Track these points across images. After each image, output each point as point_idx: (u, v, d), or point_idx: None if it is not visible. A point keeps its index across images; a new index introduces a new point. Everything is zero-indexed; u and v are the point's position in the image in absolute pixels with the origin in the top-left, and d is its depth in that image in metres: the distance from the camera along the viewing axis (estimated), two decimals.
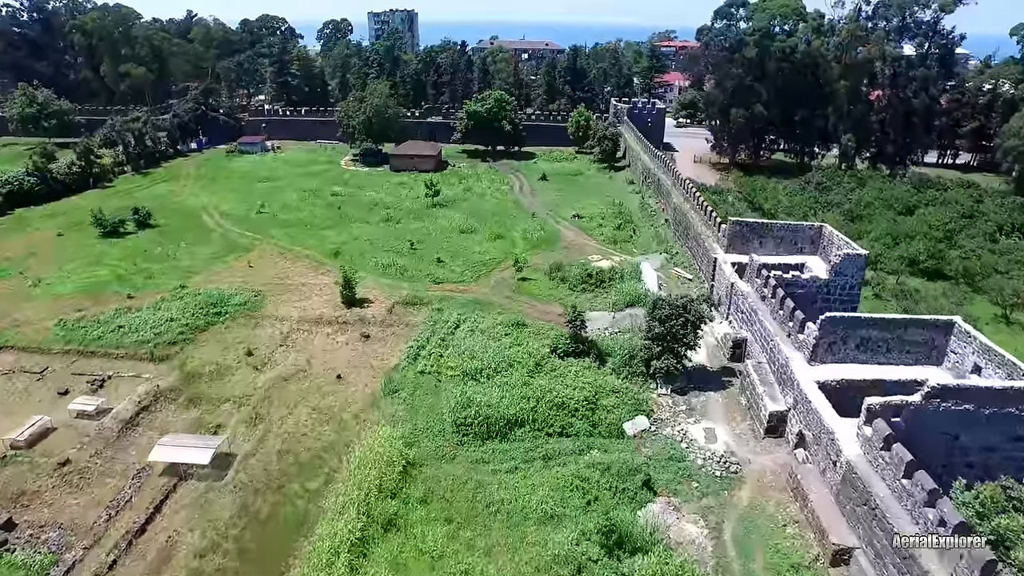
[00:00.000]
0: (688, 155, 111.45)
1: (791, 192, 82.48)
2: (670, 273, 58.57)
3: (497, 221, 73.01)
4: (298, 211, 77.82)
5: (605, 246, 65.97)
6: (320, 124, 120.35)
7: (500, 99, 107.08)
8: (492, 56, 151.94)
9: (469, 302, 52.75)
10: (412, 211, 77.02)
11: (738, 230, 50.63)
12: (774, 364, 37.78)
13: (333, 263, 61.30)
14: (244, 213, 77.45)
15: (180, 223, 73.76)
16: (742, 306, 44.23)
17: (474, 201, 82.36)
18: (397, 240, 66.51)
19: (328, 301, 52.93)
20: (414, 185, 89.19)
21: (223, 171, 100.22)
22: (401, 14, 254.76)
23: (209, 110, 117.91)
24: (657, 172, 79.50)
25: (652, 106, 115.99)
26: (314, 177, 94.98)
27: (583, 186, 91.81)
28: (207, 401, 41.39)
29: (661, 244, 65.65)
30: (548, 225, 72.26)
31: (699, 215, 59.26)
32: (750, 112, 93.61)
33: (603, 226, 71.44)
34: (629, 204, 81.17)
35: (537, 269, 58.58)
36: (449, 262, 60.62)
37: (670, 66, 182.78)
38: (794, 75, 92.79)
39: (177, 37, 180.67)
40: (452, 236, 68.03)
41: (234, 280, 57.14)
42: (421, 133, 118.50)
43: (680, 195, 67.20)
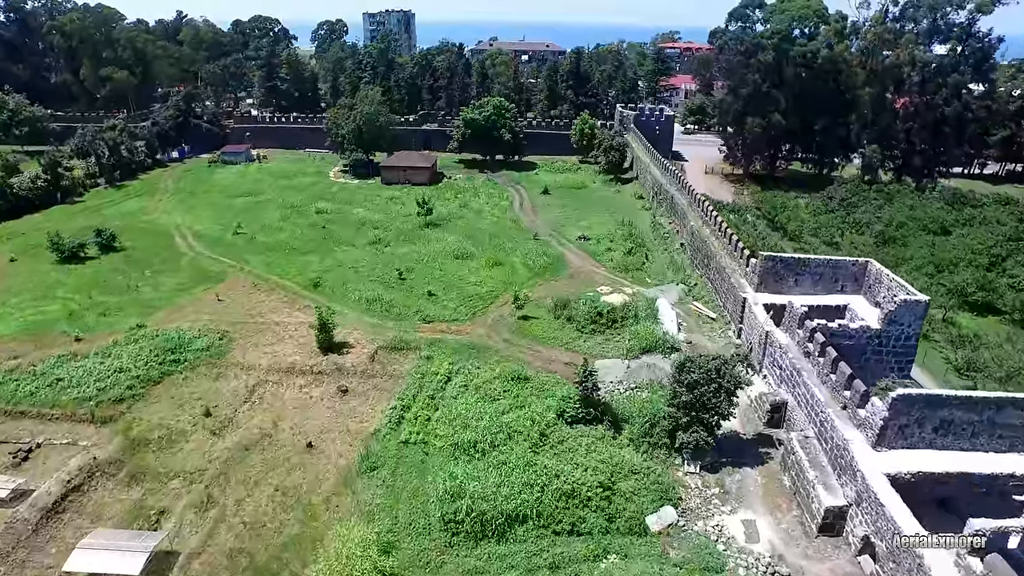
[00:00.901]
0: (698, 165, 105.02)
1: (815, 210, 76.08)
2: (689, 309, 52.17)
3: (495, 244, 66.61)
4: (278, 232, 71.38)
5: (615, 274, 59.57)
6: (309, 132, 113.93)
7: (499, 106, 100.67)
8: (491, 59, 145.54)
9: (463, 346, 46.36)
10: (403, 232, 70.59)
11: (771, 266, 44.25)
12: (826, 442, 31.40)
13: (312, 296, 54.96)
14: (219, 234, 71.02)
15: (148, 245, 67.34)
16: (781, 361, 37.84)
17: (471, 219, 75.93)
18: (385, 267, 60.10)
19: (303, 345, 46.52)
20: (406, 200, 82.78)
21: (203, 184, 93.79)
22: (397, 15, 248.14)
23: (192, 117, 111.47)
24: (670, 188, 73.09)
25: (660, 113, 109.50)
26: (299, 191, 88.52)
27: (588, 201, 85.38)
28: (152, 477, 35.02)
29: (677, 273, 59.24)
30: (551, 249, 65.85)
31: (721, 243, 52.86)
32: (767, 121, 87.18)
33: (612, 250, 65.04)
34: (639, 223, 74.74)
35: (540, 305, 52.18)
36: (441, 296, 54.22)
37: (675, 68, 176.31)
38: (814, 81, 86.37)
39: (164, 39, 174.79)
40: (445, 263, 61.62)
41: (199, 317, 50.74)
42: (415, 141, 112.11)
43: (698, 217, 60.80)
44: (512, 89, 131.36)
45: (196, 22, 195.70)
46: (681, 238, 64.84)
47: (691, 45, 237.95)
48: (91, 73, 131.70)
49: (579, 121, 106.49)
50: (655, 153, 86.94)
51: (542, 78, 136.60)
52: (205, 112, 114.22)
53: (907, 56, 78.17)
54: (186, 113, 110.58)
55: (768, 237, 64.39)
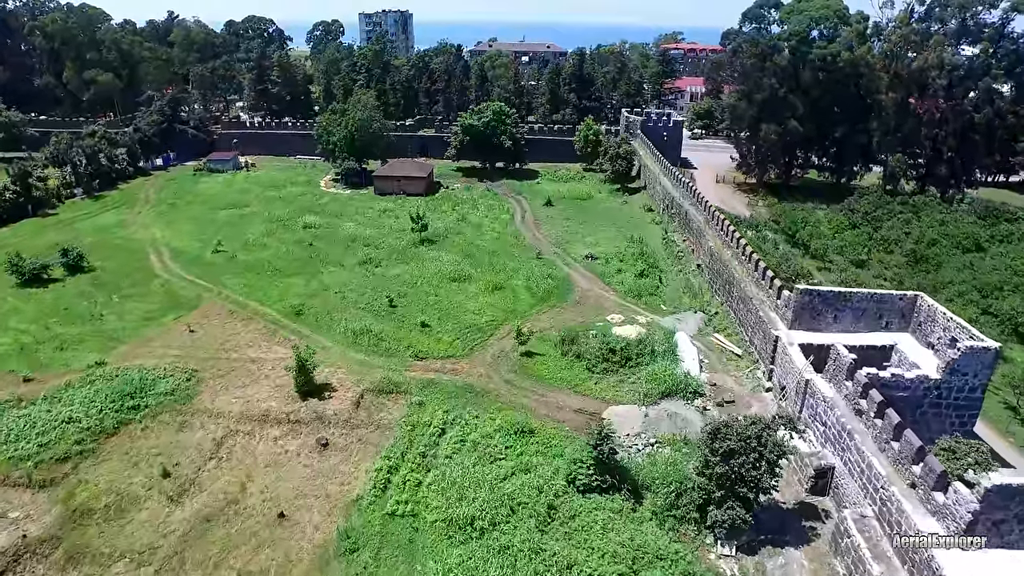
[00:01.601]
0: (708, 173, 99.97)
1: (838, 225, 70.95)
2: (710, 342, 47.09)
3: (495, 264, 61.49)
4: (262, 249, 66.22)
5: (626, 300, 54.48)
6: (300, 138, 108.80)
7: (499, 112, 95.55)
8: (491, 61, 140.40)
9: (459, 389, 41.24)
10: (395, 250, 65.45)
11: (807, 301, 39.15)
12: (890, 526, 26.32)
13: (294, 326, 49.86)
14: (198, 252, 65.88)
15: (120, 265, 62.18)
16: (825, 417, 32.75)
17: (469, 235, 70.78)
18: (374, 292, 54.95)
19: (280, 388, 41.36)
20: (400, 213, 77.68)
21: (186, 194, 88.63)
22: (394, 15, 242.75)
23: (177, 123, 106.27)
24: (683, 203, 68.00)
25: (668, 118, 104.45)
26: (287, 203, 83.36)
27: (594, 214, 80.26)
28: (93, 559, 29.89)
29: (695, 299, 54.17)
30: (556, 270, 60.74)
31: (745, 269, 47.76)
32: (783, 128, 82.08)
33: (622, 271, 59.92)
34: (650, 239, 69.66)
35: (545, 338, 47.06)
36: (436, 327, 49.09)
37: (680, 70, 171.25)
38: (834, 85, 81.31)
39: (154, 40, 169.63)
40: (441, 286, 56.48)
41: (166, 353, 45.61)
42: (411, 148, 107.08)
43: (716, 237, 55.69)
44: (512, 92, 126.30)
45: (187, 23, 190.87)
46: (697, 259, 59.74)
47: (695, 46, 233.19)
48: (74, 76, 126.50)
49: (583, 127, 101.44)
50: (665, 162, 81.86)
51: (543, 81, 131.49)
52: (191, 117, 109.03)
53: (935, 59, 73.06)
54: (171, 118, 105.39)
55: (791, 258, 59.24)
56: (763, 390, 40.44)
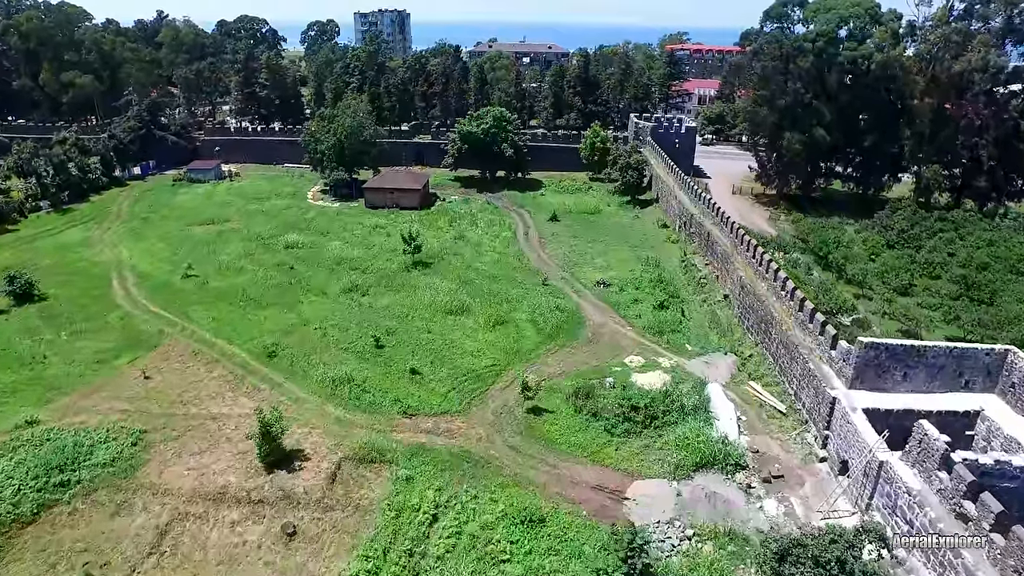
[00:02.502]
0: (723, 183, 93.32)
1: (873, 246, 64.35)
2: (746, 392, 40.55)
3: (497, 293, 54.91)
4: (237, 274, 59.64)
5: (646, 338, 47.91)
6: (288, 145, 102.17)
7: (500, 118, 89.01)
8: (491, 62, 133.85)
9: (455, 458, 34.67)
10: (385, 275, 58.86)
11: (872, 356, 32.60)
12: None
13: (266, 370, 43.34)
14: (167, 276, 59.32)
15: (77, 293, 55.62)
16: (912, 515, 26.19)
17: (467, 256, 64.21)
18: (360, 327, 48.40)
19: (243, 456, 34.78)
20: (392, 230, 71.18)
21: (162, 207, 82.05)
22: (391, 15, 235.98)
23: (157, 129, 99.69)
24: (704, 222, 61.44)
25: (679, 124, 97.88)
26: (270, 218, 76.78)
27: (604, 230, 73.68)
28: None
29: (724, 337, 47.60)
30: (565, 299, 54.13)
31: (786, 307, 41.18)
32: (809, 136, 75.52)
33: (639, 302, 53.33)
34: (667, 261, 63.14)
35: (555, 389, 40.51)
36: (429, 373, 42.53)
37: (688, 72, 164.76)
38: (863, 90, 74.78)
39: (142, 41, 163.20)
40: (435, 321, 49.91)
41: (114, 407, 39.08)
42: (406, 156, 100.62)
43: (747, 265, 49.12)
44: (514, 96, 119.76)
45: (176, 22, 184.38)
46: (724, 288, 53.16)
47: (701, 46, 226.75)
48: (52, 78, 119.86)
49: (590, 133, 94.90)
50: (680, 174, 75.25)
51: (546, 84, 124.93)
52: (172, 123, 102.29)
53: (979, 60, 66.55)
54: (150, 124, 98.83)
55: (831, 288, 52.60)
56: (816, 459, 33.92)
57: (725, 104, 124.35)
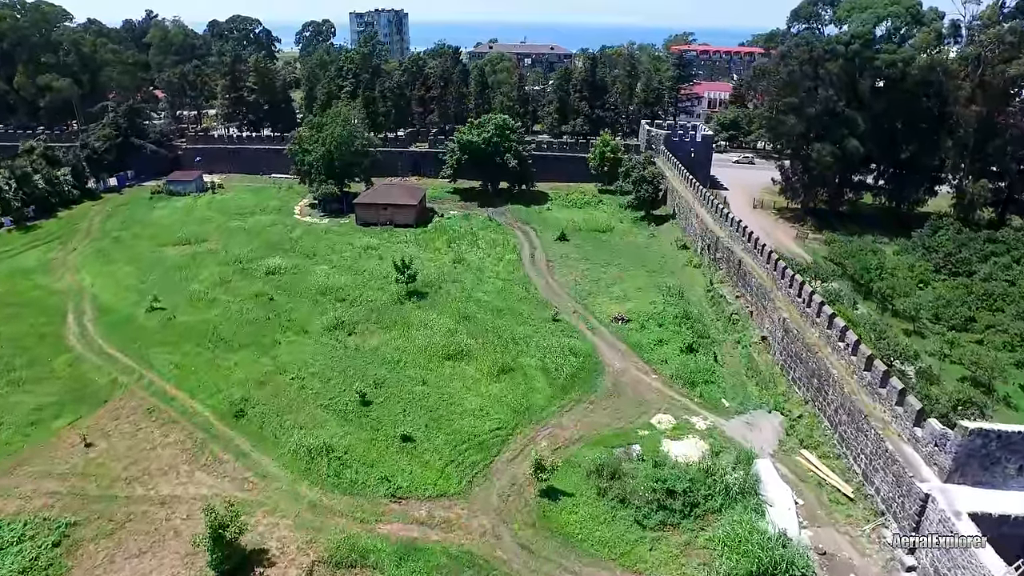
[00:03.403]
0: (742, 195, 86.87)
1: (921, 272, 57.79)
2: (799, 466, 33.99)
3: (501, 331, 48.29)
4: (209, 306, 53.05)
5: (675, 390, 41.36)
6: (275, 153, 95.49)
7: (502, 126, 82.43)
8: (491, 64, 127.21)
9: (453, 561, 28.14)
10: (376, 308, 52.26)
11: (979, 445, 26.05)
12: None
13: (231, 434, 36.84)
14: (130, 309, 52.70)
15: (22, 331, 49.00)
16: None
17: (468, 284, 57.59)
18: (344, 377, 41.87)
19: (192, 559, 28.23)
20: (385, 252, 64.73)
21: (136, 224, 75.46)
22: (388, 14, 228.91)
23: (135, 137, 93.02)
24: (733, 247, 54.86)
25: (695, 132, 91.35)
26: (252, 237, 70.17)
27: (618, 251, 67.13)
28: None
29: (765, 388, 41.04)
30: (579, 338, 47.58)
31: (848, 364, 34.62)
32: (841, 147, 69.00)
33: (664, 343, 46.73)
34: (690, 290, 56.60)
35: (573, 462, 33.94)
36: (423, 439, 35.95)
37: (697, 74, 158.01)
38: (901, 97, 68.25)
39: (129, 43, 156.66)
40: (431, 368, 43.34)
41: (42, 487, 32.56)
42: (402, 166, 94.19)
43: (791, 304, 42.57)
44: (516, 100, 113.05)
45: (165, 23, 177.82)
46: (761, 327, 46.55)
47: (707, 47, 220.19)
48: (27, 81, 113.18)
49: (599, 142, 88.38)
50: (700, 189, 68.67)
51: (552, 88, 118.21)
52: (152, 130, 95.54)
53: None
54: (128, 132, 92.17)
55: (885, 330, 45.90)
56: (902, 568, 27.36)
57: (740, 109, 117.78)
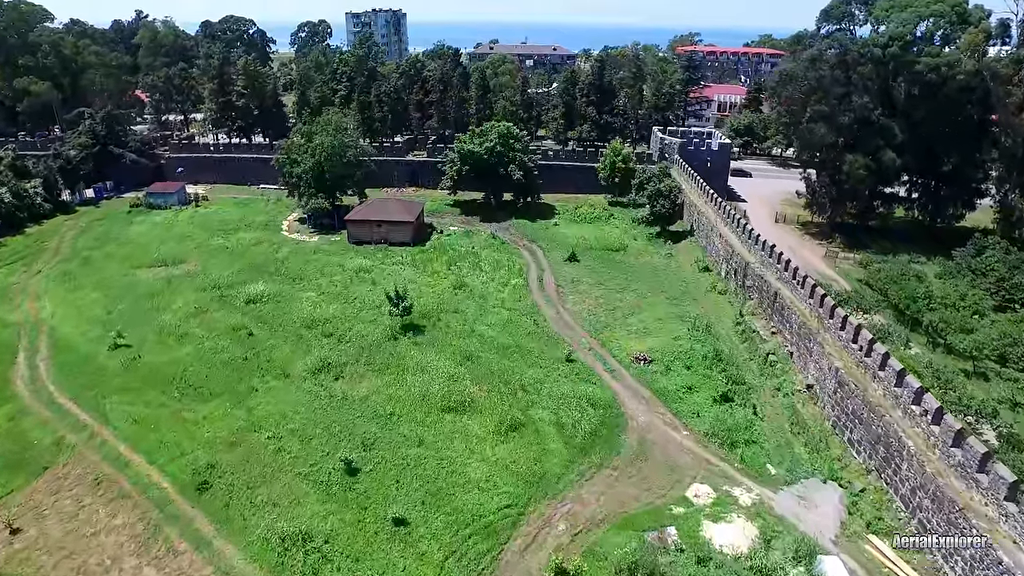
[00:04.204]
0: (761, 207, 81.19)
1: (974, 301, 52.00)
2: (872, 560, 28.23)
3: (509, 375, 42.59)
4: (180, 343, 47.35)
5: (710, 449, 35.70)
6: (264, 163, 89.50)
7: (506, 135, 76.75)
8: (493, 67, 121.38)
9: None
10: (367, 346, 46.50)
11: None
12: None
13: (192, 513, 31.15)
14: (91, 347, 46.98)
15: None
16: None
17: (470, 314, 51.84)
18: (328, 436, 36.20)
19: None
20: (379, 275, 59.11)
21: (110, 242, 69.72)
22: (386, 15, 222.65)
23: (114, 145, 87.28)
24: (767, 276, 49.12)
25: (711, 140, 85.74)
26: (235, 258, 64.48)
27: (634, 274, 61.41)
28: None
29: (816, 451, 35.26)
30: (596, 384, 41.90)
31: (926, 436, 28.89)
32: (876, 160, 63.34)
33: (694, 390, 41.04)
34: (717, 322, 50.89)
35: (597, 554, 28.23)
36: (418, 522, 30.23)
37: (708, 76, 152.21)
38: (943, 104, 62.55)
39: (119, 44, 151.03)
40: (428, 423, 37.63)
41: None
42: (399, 176, 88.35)
43: (844, 351, 36.84)
44: (520, 105, 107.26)
45: (155, 23, 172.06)
46: (806, 373, 40.80)
47: (714, 48, 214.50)
48: (3, 84, 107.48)
49: (609, 151, 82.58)
50: (723, 206, 62.94)
51: (556, 91, 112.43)
52: (132, 138, 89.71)
53: None
54: (106, 140, 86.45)
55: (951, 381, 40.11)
56: None
57: (754, 114, 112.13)
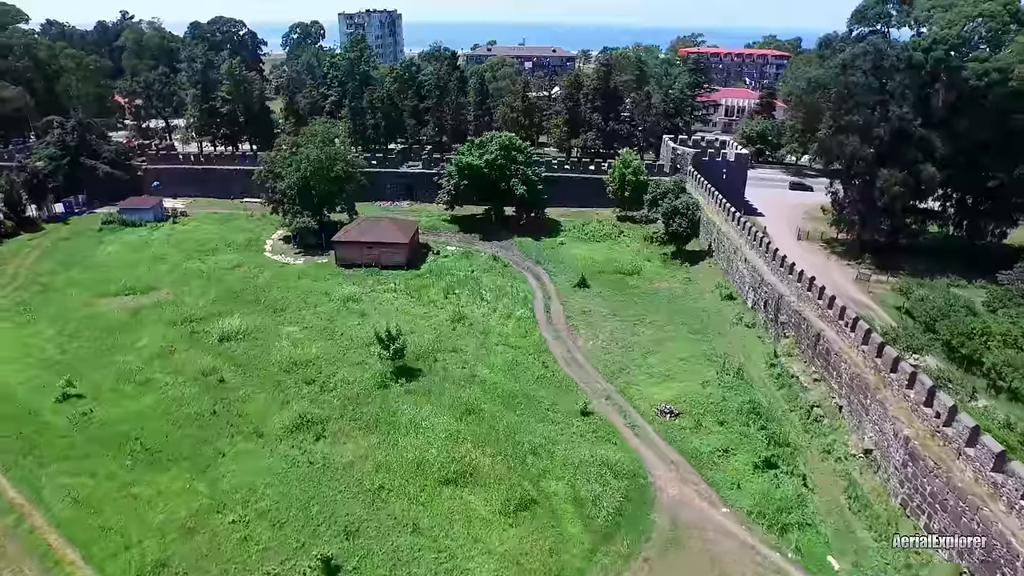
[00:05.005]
0: (781, 222, 75.64)
1: None
2: None
3: (516, 434, 36.84)
4: (141, 391, 41.54)
5: (754, 532, 30.08)
6: (248, 175, 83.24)
7: (508, 146, 71.08)
8: (492, 71, 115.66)
9: None
10: (354, 396, 40.73)
11: None
12: None
13: None
14: (34, 398, 41.00)
15: None
16: None
17: (470, 355, 46.07)
18: (305, 517, 30.46)
19: None
20: (368, 307, 53.40)
21: (76, 265, 63.80)
22: (380, 15, 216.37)
23: (86, 157, 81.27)
24: (807, 313, 43.47)
25: (727, 150, 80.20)
26: (211, 284, 58.60)
27: (650, 302, 55.72)
28: None
29: (881, 534, 29.57)
30: (617, 444, 36.23)
31: None
32: (915, 175, 57.83)
33: (731, 453, 35.38)
34: (747, 362, 45.27)
35: None
36: None
37: (715, 79, 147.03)
38: (990, 114, 57.02)
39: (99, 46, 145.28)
40: (424, 500, 31.87)
41: None
42: (392, 189, 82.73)
43: (912, 414, 31.18)
44: (521, 111, 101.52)
45: (140, 25, 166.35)
46: (861, 434, 35.05)
47: (718, 49, 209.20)
48: None
49: (618, 163, 76.90)
50: (747, 225, 57.29)
51: (560, 97, 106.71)
52: (106, 149, 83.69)
53: None
54: (76, 151, 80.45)
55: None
56: None
57: (767, 120, 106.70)
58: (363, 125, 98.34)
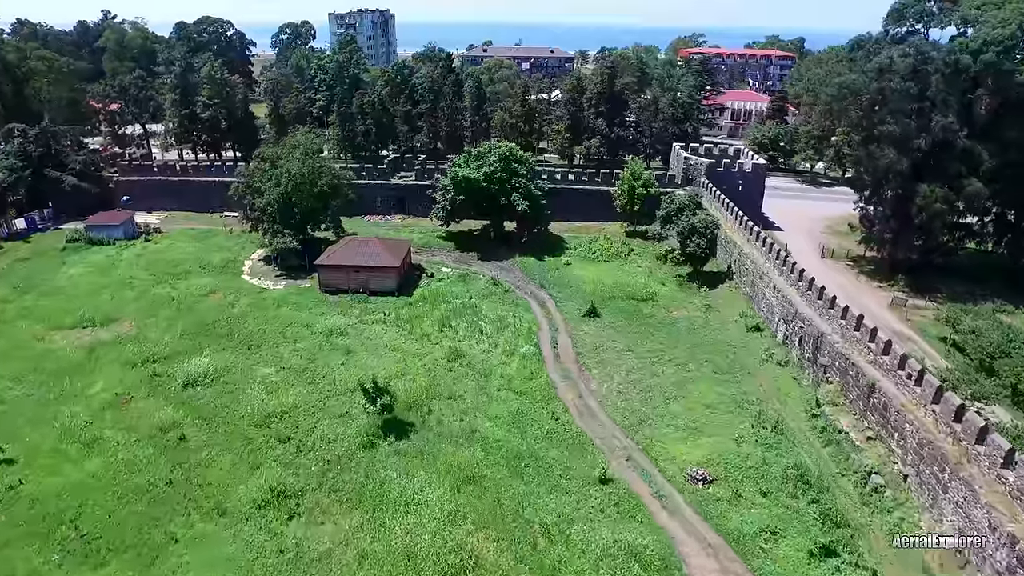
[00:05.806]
0: (801, 236, 70.31)
1: None
2: None
3: (524, 511, 31.10)
4: (85, 455, 35.63)
5: None
6: (224, 187, 77.29)
7: (508, 157, 65.34)
8: (489, 73, 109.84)
9: None
10: (334, 459, 34.92)
11: None
12: None
13: None
14: None
15: None
16: None
17: (468, 404, 40.29)
18: None
19: None
20: (355, 342, 47.62)
21: (32, 290, 57.82)
22: (372, 15, 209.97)
23: (52, 168, 75.21)
24: (855, 358, 37.92)
25: (743, 161, 74.70)
26: (181, 313, 52.73)
27: (668, 335, 50.02)
28: None
29: None
30: (643, 525, 30.52)
31: None
32: (958, 191, 52.43)
33: (779, 535, 29.74)
34: (783, 409, 39.67)
35: None
36: None
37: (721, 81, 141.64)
38: None
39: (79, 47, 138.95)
40: None
41: None
42: (383, 202, 76.90)
43: (1007, 497, 25.59)
44: (520, 117, 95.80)
45: (122, 25, 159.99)
46: (939, 516, 29.40)
47: (720, 50, 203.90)
48: None
49: (627, 175, 71.27)
50: (774, 248, 51.68)
51: (560, 101, 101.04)
52: (73, 160, 77.56)
53: None
54: (40, 162, 74.38)
55: None
56: None
57: (779, 125, 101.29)
58: (352, 132, 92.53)
